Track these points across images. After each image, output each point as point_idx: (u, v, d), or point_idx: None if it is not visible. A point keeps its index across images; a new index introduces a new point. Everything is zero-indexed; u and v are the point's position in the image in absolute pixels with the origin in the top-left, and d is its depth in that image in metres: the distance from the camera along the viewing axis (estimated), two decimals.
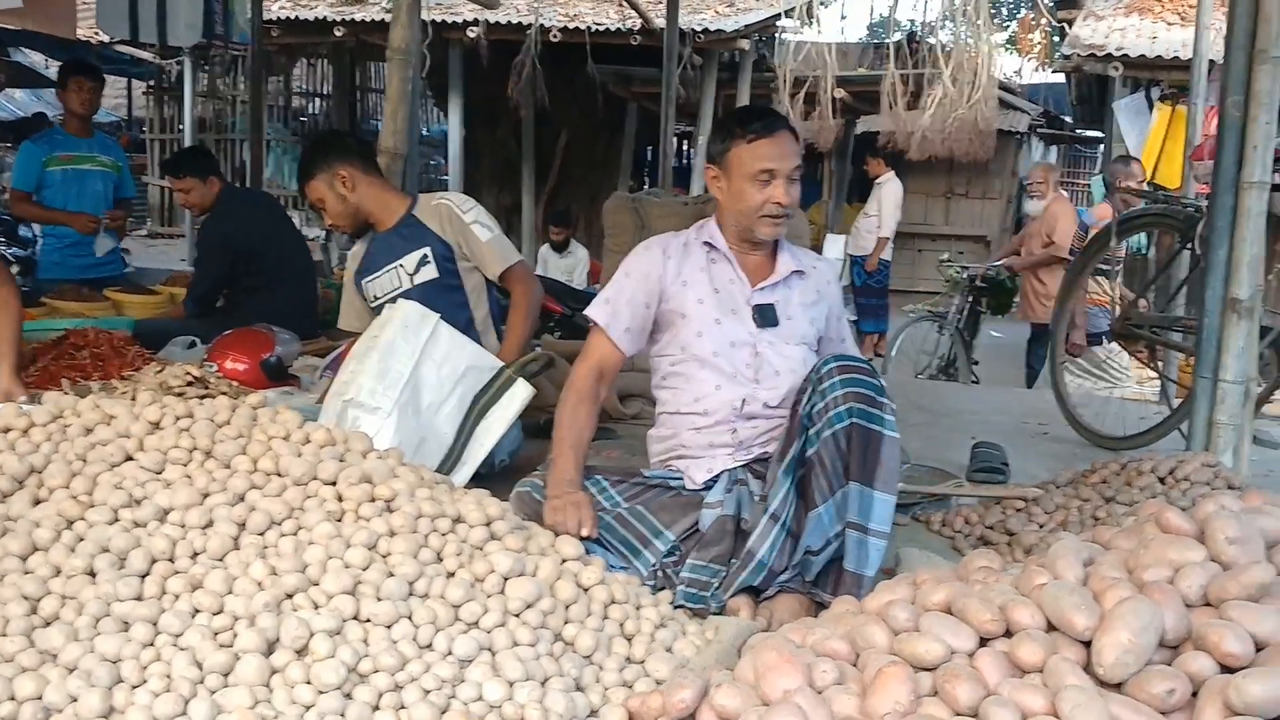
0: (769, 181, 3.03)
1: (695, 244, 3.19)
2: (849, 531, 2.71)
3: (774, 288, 3.16)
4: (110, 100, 24.38)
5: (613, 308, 3.16)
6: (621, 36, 11.51)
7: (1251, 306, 3.79)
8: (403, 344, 3.42)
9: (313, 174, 4.11)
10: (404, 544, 2.20)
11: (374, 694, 1.92)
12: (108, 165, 6.70)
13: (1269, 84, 3.65)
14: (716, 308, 3.12)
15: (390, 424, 3.27)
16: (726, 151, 3.08)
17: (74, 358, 4.41)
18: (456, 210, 4.11)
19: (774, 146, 3.03)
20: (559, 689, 2.04)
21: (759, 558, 2.75)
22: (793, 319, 3.16)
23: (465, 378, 3.51)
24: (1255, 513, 2.12)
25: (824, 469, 2.73)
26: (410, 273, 4.09)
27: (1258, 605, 1.82)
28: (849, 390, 2.71)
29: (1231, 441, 3.84)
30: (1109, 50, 10.25)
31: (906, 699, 1.74)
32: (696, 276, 3.14)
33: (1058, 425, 5.62)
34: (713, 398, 3.09)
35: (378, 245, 4.18)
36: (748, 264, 3.18)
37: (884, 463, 2.70)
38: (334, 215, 4.14)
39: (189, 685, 1.87)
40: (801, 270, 3.22)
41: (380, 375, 3.33)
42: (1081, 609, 1.83)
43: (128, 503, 2.26)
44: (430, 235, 4.10)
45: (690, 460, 3.13)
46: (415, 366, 3.39)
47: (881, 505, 2.71)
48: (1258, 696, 1.63)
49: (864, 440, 2.69)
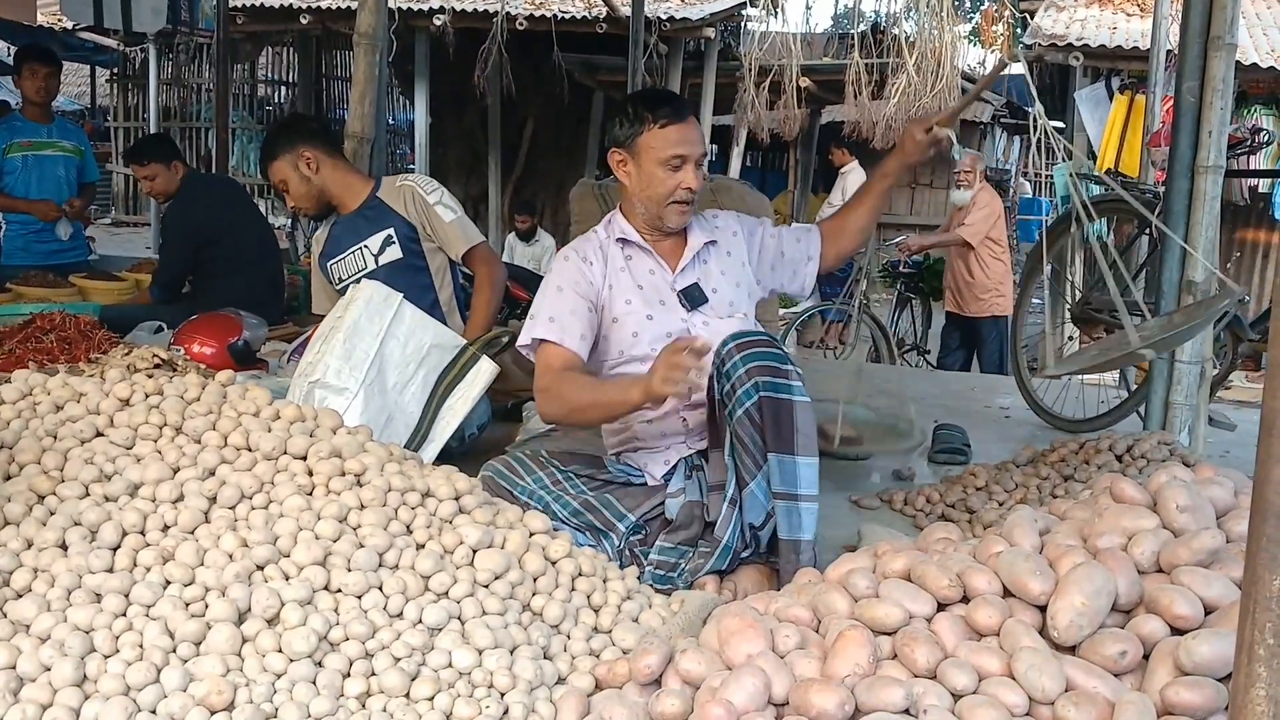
0: (679, 167, 3.01)
1: (609, 243, 3.15)
2: (778, 502, 2.72)
3: (692, 266, 3.14)
4: (73, 88, 24.19)
5: (559, 323, 3.03)
6: (587, 24, 11.51)
7: (1207, 289, 3.86)
8: (367, 324, 3.44)
9: (276, 155, 4.13)
10: (374, 516, 2.23)
11: (345, 662, 1.96)
12: (69, 150, 6.66)
13: (1223, 70, 3.73)
14: (644, 304, 3.09)
15: (357, 404, 3.29)
16: (636, 136, 3.03)
17: (41, 341, 4.40)
18: (420, 191, 4.13)
19: (684, 131, 3.01)
20: (527, 657, 2.08)
21: (724, 542, 2.81)
22: (718, 290, 3.13)
23: (429, 356, 3.53)
24: (1207, 483, 2.18)
25: (745, 447, 2.74)
26: (375, 253, 4.10)
27: (1207, 570, 1.88)
28: (751, 365, 2.70)
29: (1187, 421, 3.92)
30: (1070, 40, 10.35)
31: (866, 661, 1.79)
32: (619, 277, 3.11)
33: (1019, 409, 5.69)
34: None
35: (341, 227, 4.20)
36: (663, 249, 3.15)
37: (799, 428, 2.70)
38: (297, 197, 4.16)
39: (161, 654, 1.89)
40: (713, 239, 3.18)
41: (346, 356, 3.35)
42: (1036, 574, 1.88)
43: (98, 478, 2.27)
44: (394, 216, 4.12)
45: (646, 453, 3.15)
46: (380, 346, 3.42)
47: (805, 469, 2.72)
48: (1206, 656, 1.68)
49: (774, 410, 2.68)
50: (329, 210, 4.22)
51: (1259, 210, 10.74)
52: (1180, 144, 3.89)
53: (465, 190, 14.20)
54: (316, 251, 4.30)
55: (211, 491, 2.25)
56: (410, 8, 11.62)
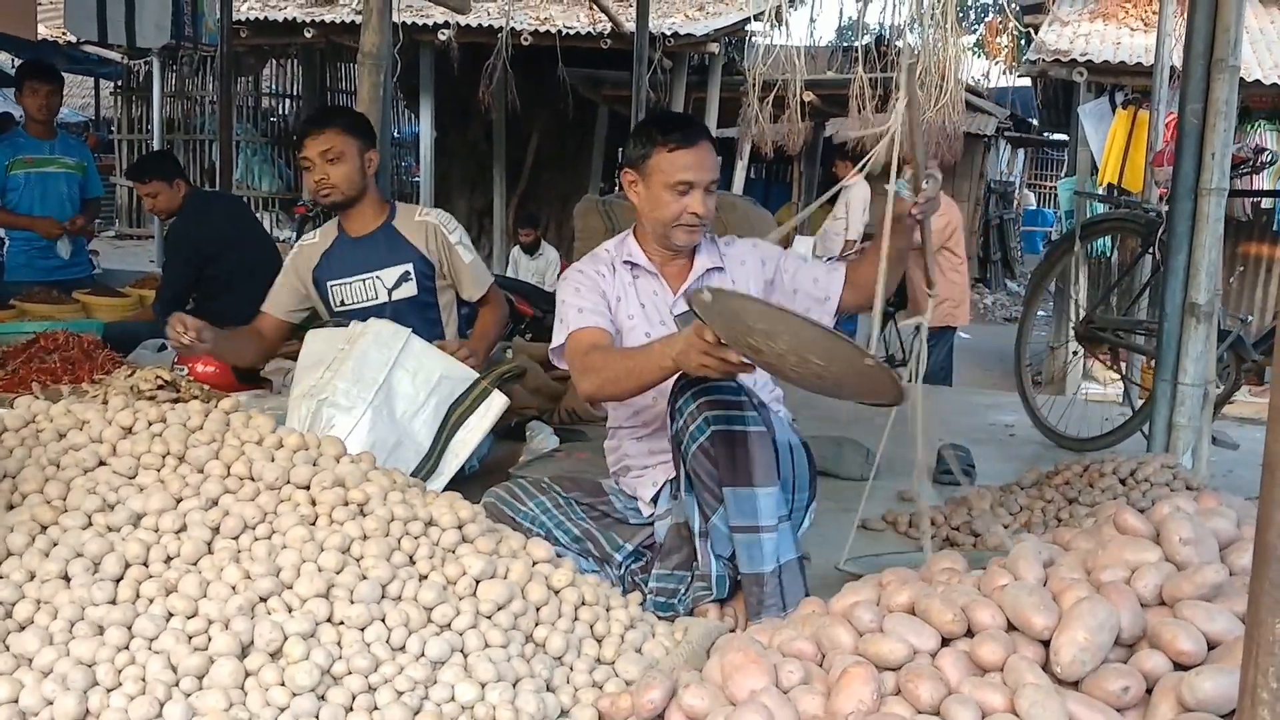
0: (686, 192, 3.00)
1: (618, 263, 3.16)
2: (737, 536, 2.70)
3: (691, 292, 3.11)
4: (77, 100, 24.26)
5: (586, 314, 3.04)
6: (592, 40, 11.55)
7: (1210, 311, 3.87)
8: (375, 354, 3.45)
9: (350, 132, 3.97)
10: (377, 547, 2.23)
11: (347, 696, 1.95)
12: (72, 167, 6.66)
13: (1226, 92, 3.73)
14: (645, 321, 3.11)
15: (364, 423, 3.29)
16: (646, 158, 3.03)
17: (44, 361, 4.41)
18: (443, 230, 4.07)
19: (693, 157, 2.99)
20: (530, 690, 2.08)
21: (714, 575, 2.80)
22: None
23: (439, 387, 3.53)
24: (1209, 514, 2.17)
25: (704, 482, 2.73)
26: (389, 287, 4.04)
27: (1210, 605, 1.87)
28: (700, 401, 2.68)
29: (1190, 443, 3.92)
30: (1074, 55, 10.35)
31: (870, 698, 1.79)
32: (626, 293, 3.13)
33: (1024, 426, 5.69)
34: (649, 410, 3.10)
35: (348, 248, 4.09)
36: (669, 272, 3.16)
37: (755, 457, 2.67)
38: (339, 178, 3.93)
39: (164, 688, 1.89)
40: (720, 266, 3.16)
41: (354, 379, 3.36)
42: (1040, 609, 1.87)
43: (101, 507, 2.27)
44: (413, 251, 4.04)
45: (635, 476, 3.16)
46: (388, 374, 3.43)
47: (764, 499, 2.69)
48: (1209, 693, 1.68)
49: (728, 444, 2.67)
50: (344, 207, 4.05)
51: (1262, 225, 10.74)
52: (1184, 166, 3.89)
53: (470, 204, 14.24)
54: (308, 259, 4.14)
55: (214, 522, 2.25)
56: (415, 22, 11.64)
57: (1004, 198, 20.59)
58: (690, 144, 3.00)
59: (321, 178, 3.94)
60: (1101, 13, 12.06)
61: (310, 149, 3.94)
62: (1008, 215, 20.62)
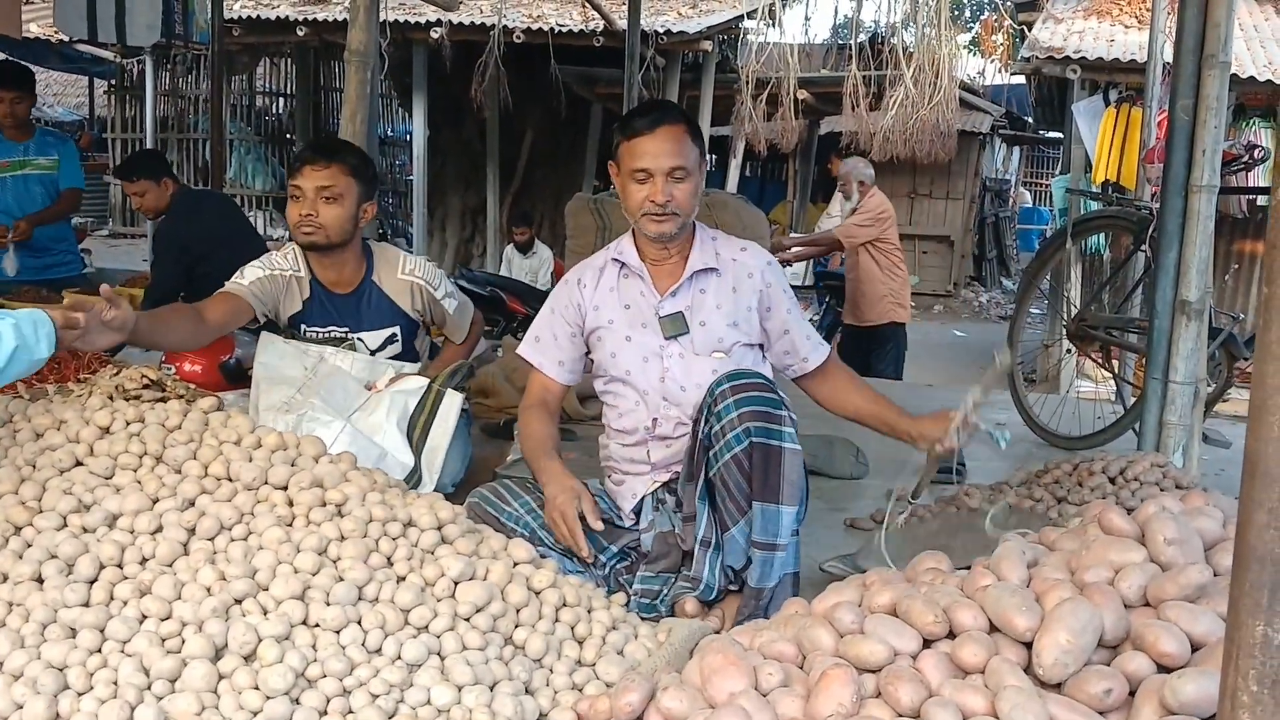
0: (645, 180, 2.93)
1: (609, 263, 3.13)
2: (756, 551, 2.71)
3: (683, 292, 3.05)
4: (72, 99, 24.24)
5: (542, 345, 3.17)
6: (584, 38, 11.50)
7: (1201, 308, 3.84)
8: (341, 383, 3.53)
9: (358, 176, 3.65)
10: (354, 549, 2.21)
11: (321, 699, 1.93)
12: (46, 167, 6.50)
13: (1216, 88, 3.70)
14: (626, 324, 3.07)
15: (345, 436, 3.27)
16: (617, 149, 3.01)
17: None
18: (429, 289, 3.81)
19: (652, 144, 2.92)
20: (508, 693, 2.05)
21: (705, 582, 2.80)
22: (706, 324, 3.03)
23: (394, 404, 3.52)
24: (1195, 514, 2.16)
25: (729, 492, 2.72)
26: (371, 349, 3.80)
27: (1194, 606, 1.86)
28: (744, 410, 2.67)
29: (1181, 441, 3.89)
30: (1067, 52, 10.32)
31: (850, 701, 1.77)
32: (607, 298, 3.09)
33: (1015, 425, 5.67)
34: (631, 415, 3.07)
35: (327, 301, 3.77)
36: (660, 272, 3.09)
37: (786, 475, 2.69)
38: (330, 219, 3.58)
39: (135, 692, 1.87)
40: (715, 267, 3.06)
41: (327, 399, 3.39)
42: (1022, 610, 1.85)
43: (77, 508, 2.25)
44: (399, 313, 3.81)
45: (616, 483, 3.15)
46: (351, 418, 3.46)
47: (787, 517, 2.72)
48: (1191, 696, 1.66)
49: (764, 458, 2.67)
50: (323, 251, 3.68)
51: (1257, 223, 10.71)
52: (1174, 162, 3.86)
53: (463, 202, 14.21)
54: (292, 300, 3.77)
55: (191, 523, 2.23)
56: (408, 20, 11.61)
57: (999, 196, 20.59)
58: (648, 131, 2.93)
59: (309, 214, 3.57)
60: (1095, 10, 12.04)
61: (307, 179, 3.58)
62: (1003, 213, 20.62)
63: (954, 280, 17.79)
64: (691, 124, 3.04)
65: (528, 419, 3.14)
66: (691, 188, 2.97)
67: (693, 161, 2.96)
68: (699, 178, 3.01)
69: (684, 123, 3.00)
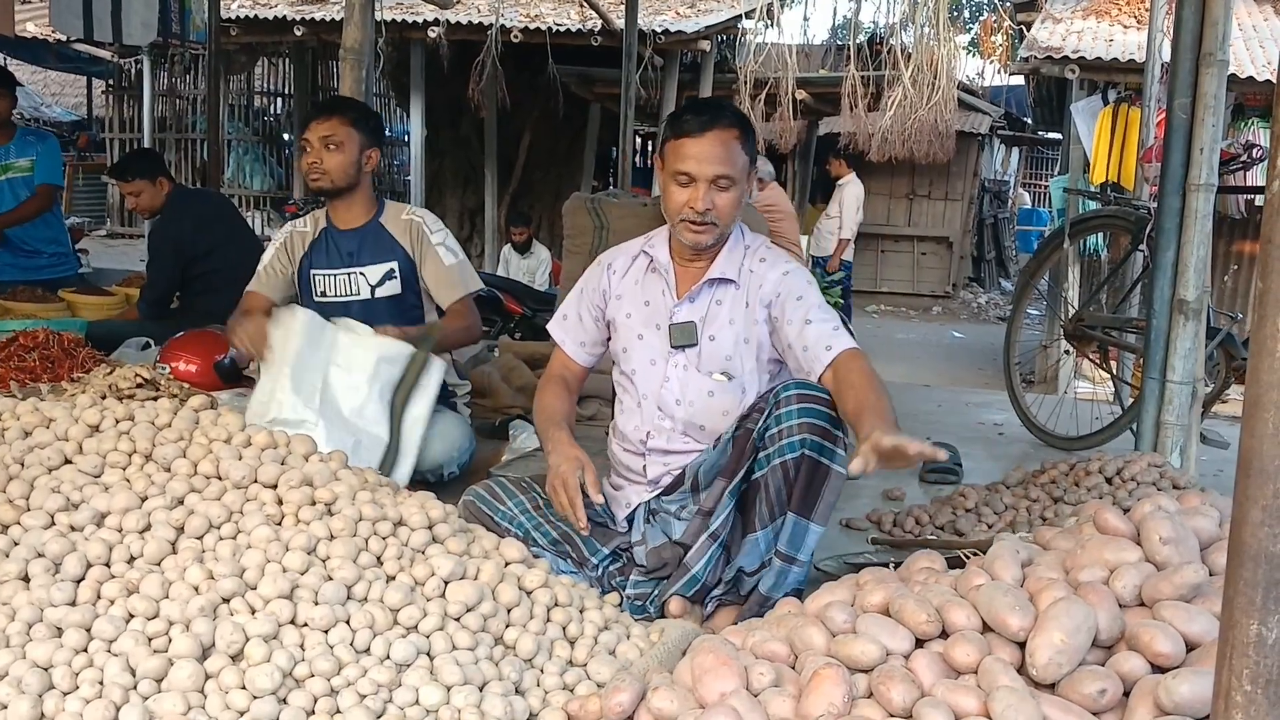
0: (687, 184, 2.80)
1: (640, 254, 3.05)
2: (776, 560, 2.69)
3: (698, 300, 2.94)
4: (70, 99, 24.22)
5: (568, 324, 3.14)
6: (582, 37, 11.48)
7: (1198, 308, 3.83)
8: (310, 355, 3.43)
9: (358, 125, 3.92)
10: (343, 548, 2.19)
11: (309, 699, 1.91)
12: (24, 169, 6.47)
13: (1214, 86, 3.69)
14: (642, 322, 3.00)
15: (320, 433, 3.24)
16: (664, 145, 2.89)
17: (23, 359, 4.37)
18: (425, 228, 3.99)
19: (698, 147, 2.78)
20: (497, 693, 2.03)
21: (693, 572, 2.77)
22: (717, 338, 2.92)
23: (378, 372, 3.50)
24: (1191, 513, 2.14)
25: (767, 495, 2.69)
26: (372, 284, 3.97)
27: (1189, 606, 1.84)
28: (805, 421, 2.63)
29: (1179, 441, 3.88)
30: (1066, 53, 10.31)
31: (841, 701, 1.75)
32: (630, 289, 3.03)
33: (1013, 425, 5.66)
34: (631, 416, 3.03)
35: (336, 239, 4.02)
36: (686, 274, 2.98)
37: (825, 496, 2.67)
38: (333, 166, 3.87)
39: (121, 691, 1.85)
40: (733, 279, 2.93)
41: (296, 389, 3.34)
42: (1016, 610, 1.84)
43: (64, 507, 2.24)
44: (399, 249, 3.98)
45: (615, 486, 3.10)
46: (326, 375, 3.41)
47: (814, 536, 2.70)
48: (1186, 697, 1.64)
49: (811, 473, 2.64)
50: (332, 196, 3.97)
51: (1256, 223, 10.69)
52: (1172, 161, 3.85)
53: (461, 202, 14.19)
54: (298, 246, 4.06)
55: (179, 521, 2.21)
56: (405, 19, 11.59)
57: (998, 197, 20.56)
58: (696, 133, 2.79)
59: (315, 161, 3.89)
60: (1094, 10, 12.02)
61: (312, 132, 3.91)
62: (1002, 214, 20.60)
63: (952, 281, 17.78)
64: (745, 129, 2.88)
65: (544, 392, 3.10)
66: (735, 197, 2.84)
67: (739, 169, 2.83)
68: (745, 186, 2.88)
69: (737, 127, 2.85)
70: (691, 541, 2.80)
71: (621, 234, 5.56)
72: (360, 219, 4.01)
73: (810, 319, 2.81)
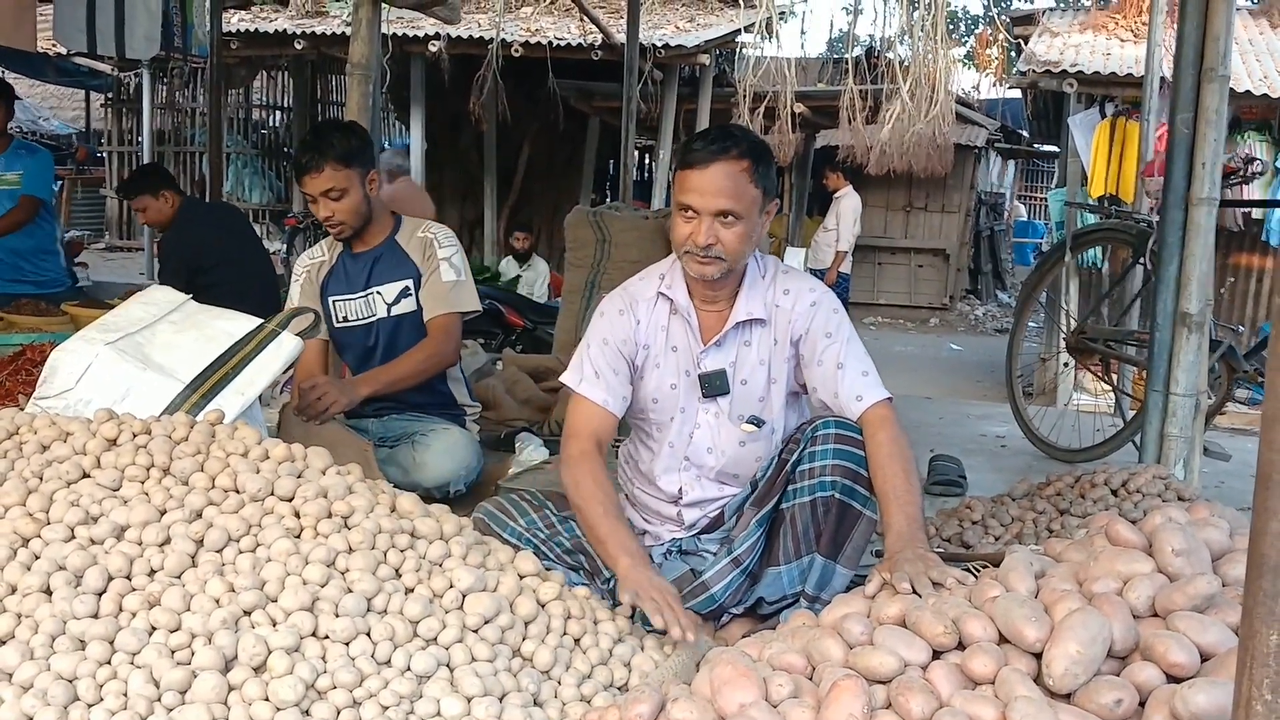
0: (691, 218, 2.69)
1: (658, 297, 2.91)
2: (803, 600, 2.70)
3: (725, 345, 2.87)
4: (68, 113, 24.23)
5: (604, 381, 2.86)
6: (582, 51, 11.52)
7: (1201, 321, 3.86)
8: (139, 311, 3.29)
9: (351, 163, 3.83)
10: (362, 560, 2.20)
11: (332, 710, 1.93)
12: (11, 182, 6.52)
13: (1216, 102, 3.73)
14: (674, 371, 2.90)
15: (103, 359, 3.05)
16: (674, 172, 2.80)
17: (31, 373, 4.38)
18: (436, 243, 3.98)
19: (702, 179, 2.66)
20: (517, 704, 2.05)
21: (711, 592, 2.78)
22: (748, 383, 2.87)
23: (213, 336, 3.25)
24: (1202, 525, 2.16)
25: (795, 530, 2.70)
26: (389, 302, 3.99)
27: (1203, 616, 1.86)
28: (839, 463, 2.63)
29: (1182, 454, 3.91)
30: (1064, 66, 10.37)
31: (861, 712, 1.76)
32: (657, 337, 2.90)
33: (1015, 438, 5.69)
34: (659, 467, 2.97)
35: (350, 264, 4.03)
36: (708, 317, 2.89)
37: (854, 540, 2.68)
38: (346, 211, 3.85)
39: (145, 703, 1.87)
40: (761, 317, 2.85)
41: (100, 327, 3.18)
42: (1032, 621, 1.86)
43: (84, 520, 2.24)
44: (412, 267, 3.98)
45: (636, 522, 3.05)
46: (147, 325, 3.21)
47: (840, 579, 2.70)
48: (1203, 706, 1.66)
49: (841, 515, 2.65)
50: (360, 231, 3.97)
51: (1253, 236, 10.75)
52: (1174, 176, 3.88)
53: (461, 215, 14.21)
54: (318, 274, 4.07)
55: (198, 534, 2.22)
56: (406, 34, 11.62)
57: (994, 209, 20.62)
58: (701, 165, 2.67)
59: (328, 215, 3.84)
60: (1091, 24, 12.09)
61: (309, 187, 3.83)
62: (998, 227, 20.66)
63: (949, 294, 17.83)
64: (758, 159, 2.73)
65: (582, 469, 2.77)
66: (742, 232, 2.71)
67: (747, 204, 2.69)
68: (756, 220, 2.74)
69: (748, 159, 2.69)
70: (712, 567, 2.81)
71: (623, 247, 5.60)
72: (376, 239, 4.01)
73: (842, 363, 2.76)
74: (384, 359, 3.95)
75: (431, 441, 3.84)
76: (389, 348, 3.98)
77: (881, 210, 17.62)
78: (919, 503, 2.56)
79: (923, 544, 2.42)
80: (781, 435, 2.89)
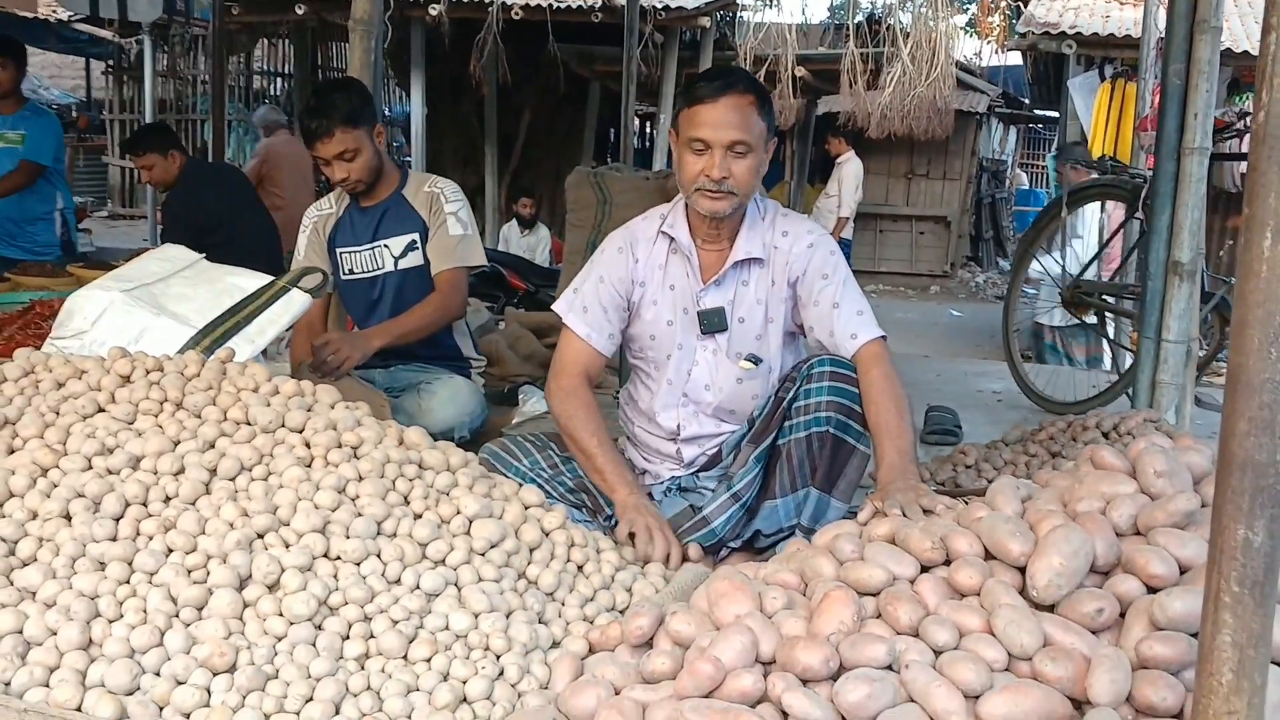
0: (703, 151, 2.76)
1: (659, 236, 2.98)
2: (799, 532, 2.76)
3: (724, 283, 2.94)
4: (69, 81, 24.19)
5: (591, 316, 2.98)
6: (583, 14, 11.51)
7: (1193, 269, 3.92)
8: (154, 265, 3.41)
9: (358, 123, 3.87)
10: (371, 487, 2.27)
11: (344, 625, 2.00)
12: (11, 140, 6.54)
13: (1208, 53, 3.77)
14: (670, 307, 2.97)
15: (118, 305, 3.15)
16: (678, 114, 2.85)
17: (40, 327, 4.44)
18: (442, 198, 4.02)
19: (713, 113, 2.73)
20: (523, 621, 2.13)
21: (712, 526, 2.85)
22: (746, 320, 2.94)
23: (227, 291, 3.35)
24: (1184, 450, 2.23)
25: (791, 464, 2.77)
26: (396, 255, 4.04)
27: (1182, 531, 1.93)
28: (833, 399, 2.70)
29: (1174, 400, 3.97)
30: (1063, 28, 10.39)
31: (850, 619, 1.84)
32: (654, 275, 2.98)
33: (1011, 393, 5.75)
34: (658, 404, 3.04)
35: (358, 216, 4.08)
36: (708, 255, 2.96)
37: (848, 474, 2.76)
38: (359, 169, 3.91)
39: (164, 618, 1.94)
40: (759, 257, 2.91)
41: (115, 276, 3.31)
42: (1016, 536, 1.92)
43: (100, 451, 2.31)
44: (419, 220, 4.03)
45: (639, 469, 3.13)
46: (161, 279, 3.31)
47: (834, 512, 2.77)
48: (1179, 612, 1.73)
49: (835, 450, 2.73)
50: (372, 186, 4.02)
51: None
52: (1167, 127, 3.93)
53: (462, 181, 14.15)
54: (326, 225, 4.12)
55: (211, 464, 2.29)
56: None
57: (996, 176, 20.61)
58: (710, 99, 2.74)
59: (344, 176, 3.91)
60: None
61: (322, 152, 3.89)
62: (1000, 194, 20.65)
63: (951, 261, 17.83)
64: (762, 95, 2.83)
65: (571, 399, 2.94)
66: (753, 164, 2.79)
67: (756, 136, 2.78)
68: (762, 155, 2.83)
69: (752, 93, 2.79)
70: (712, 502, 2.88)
71: (624, 207, 5.64)
72: (384, 193, 4.06)
73: (838, 302, 2.83)
74: (391, 313, 4.00)
75: (437, 389, 3.90)
76: (395, 301, 4.04)
77: (883, 177, 17.60)
78: (911, 437, 2.65)
79: (914, 475, 2.52)
80: (778, 374, 2.96)
